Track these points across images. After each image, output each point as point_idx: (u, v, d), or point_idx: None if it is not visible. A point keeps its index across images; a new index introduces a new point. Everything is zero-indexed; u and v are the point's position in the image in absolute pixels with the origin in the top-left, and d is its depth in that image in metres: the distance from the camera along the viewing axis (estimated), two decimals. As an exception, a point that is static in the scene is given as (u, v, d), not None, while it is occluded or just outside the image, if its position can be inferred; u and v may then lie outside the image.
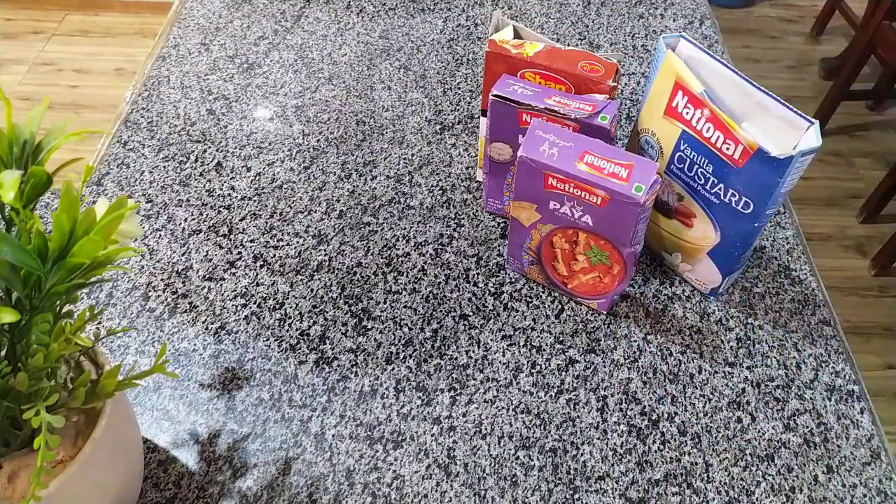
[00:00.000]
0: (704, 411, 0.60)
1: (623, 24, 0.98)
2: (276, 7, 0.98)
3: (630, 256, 0.59)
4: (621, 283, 0.62)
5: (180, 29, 0.94)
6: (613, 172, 0.55)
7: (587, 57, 0.63)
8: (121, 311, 0.65)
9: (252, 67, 0.89)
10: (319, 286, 0.67)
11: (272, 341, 0.63)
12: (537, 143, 0.57)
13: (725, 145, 0.57)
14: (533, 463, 0.56)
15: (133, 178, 0.76)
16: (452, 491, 0.54)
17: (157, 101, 0.85)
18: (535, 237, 0.63)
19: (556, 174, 0.57)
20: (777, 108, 0.55)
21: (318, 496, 0.54)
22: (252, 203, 0.74)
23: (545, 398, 0.60)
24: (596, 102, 0.60)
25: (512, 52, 0.64)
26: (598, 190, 0.55)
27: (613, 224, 0.57)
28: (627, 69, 0.91)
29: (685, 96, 0.59)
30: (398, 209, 0.74)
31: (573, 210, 0.58)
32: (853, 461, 0.57)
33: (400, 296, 0.67)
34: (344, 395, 0.60)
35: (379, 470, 0.55)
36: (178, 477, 0.55)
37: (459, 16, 0.98)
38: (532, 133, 0.58)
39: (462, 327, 0.65)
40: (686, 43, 0.60)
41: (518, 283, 0.68)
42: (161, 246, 0.70)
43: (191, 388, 0.60)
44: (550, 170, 0.57)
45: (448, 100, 0.86)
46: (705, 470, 0.56)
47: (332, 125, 0.82)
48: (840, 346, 0.65)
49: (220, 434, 0.57)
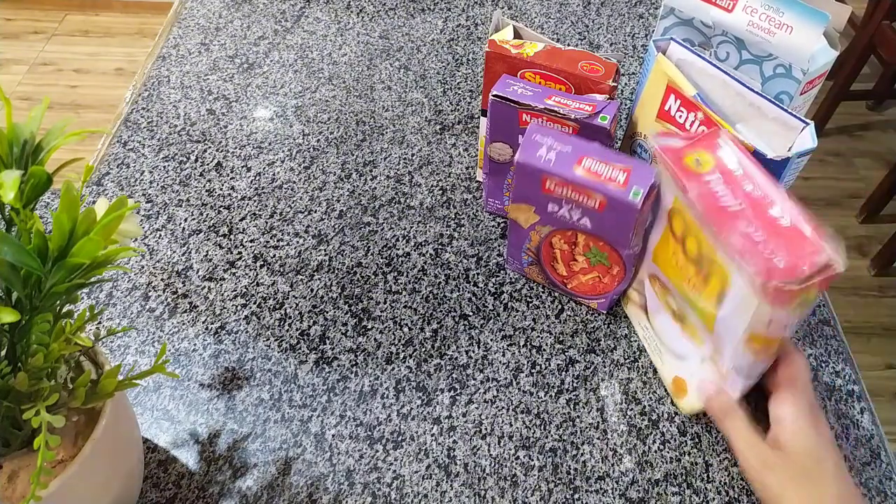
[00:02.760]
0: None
1: (623, 24, 0.98)
2: (276, 7, 0.98)
3: (629, 258, 0.59)
4: (621, 284, 0.62)
5: (180, 29, 0.94)
6: (611, 177, 0.55)
7: (587, 57, 0.63)
8: (121, 311, 0.65)
9: (252, 67, 0.89)
10: (319, 286, 0.67)
11: (272, 341, 0.63)
12: (535, 147, 0.57)
13: (721, 147, 0.56)
14: (533, 463, 0.56)
15: (133, 178, 0.76)
16: (452, 491, 0.54)
17: (157, 101, 0.85)
18: (535, 238, 0.63)
19: (553, 178, 0.57)
20: (771, 109, 0.55)
21: (318, 496, 0.54)
22: (252, 203, 0.74)
23: (545, 398, 0.60)
24: (596, 102, 0.60)
25: (512, 52, 0.64)
26: (595, 194, 0.55)
27: (612, 227, 0.57)
28: (627, 69, 0.91)
29: (678, 99, 0.59)
30: (398, 209, 0.74)
31: (571, 213, 0.58)
32: (853, 461, 0.57)
33: (400, 296, 0.67)
34: (344, 395, 0.60)
35: (379, 470, 0.55)
36: (178, 477, 0.55)
37: (459, 16, 0.98)
38: (529, 137, 0.58)
39: (462, 327, 0.65)
40: (677, 45, 0.60)
41: (518, 283, 0.68)
42: (161, 246, 0.70)
43: (191, 388, 0.60)
44: (548, 174, 0.56)
45: (448, 100, 0.86)
46: (705, 470, 0.56)
47: (332, 125, 0.82)
48: (840, 346, 0.65)
49: (220, 434, 0.57)
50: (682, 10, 0.62)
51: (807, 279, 0.45)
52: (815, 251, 0.46)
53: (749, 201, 0.49)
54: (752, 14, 0.57)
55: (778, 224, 0.48)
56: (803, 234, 0.47)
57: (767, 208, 0.49)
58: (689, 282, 0.54)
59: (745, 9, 0.58)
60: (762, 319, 0.47)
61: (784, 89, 0.59)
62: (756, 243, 0.47)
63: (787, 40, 0.56)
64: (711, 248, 0.50)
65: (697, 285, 0.53)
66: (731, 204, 0.49)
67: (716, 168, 0.52)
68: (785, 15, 0.55)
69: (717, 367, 0.54)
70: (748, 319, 0.48)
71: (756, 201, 0.49)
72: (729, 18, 0.59)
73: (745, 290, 0.47)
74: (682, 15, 0.63)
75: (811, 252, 0.46)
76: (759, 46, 0.58)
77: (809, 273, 0.45)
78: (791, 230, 0.47)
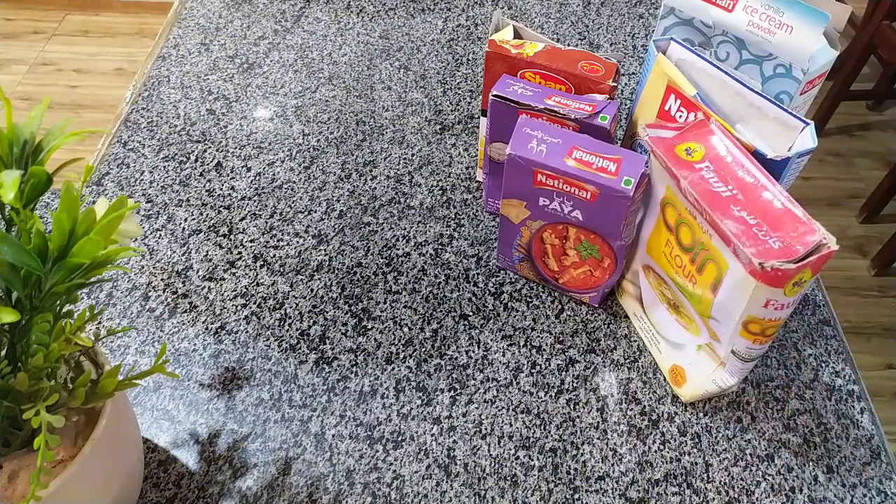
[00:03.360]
0: (704, 411, 0.60)
1: (623, 24, 0.98)
2: (276, 7, 0.98)
3: (621, 249, 0.59)
4: (612, 276, 0.62)
5: (180, 29, 0.94)
6: (602, 167, 0.55)
7: (587, 57, 0.63)
8: (121, 311, 0.65)
9: (252, 67, 0.89)
10: (319, 286, 0.67)
11: (272, 341, 0.63)
12: (525, 140, 0.57)
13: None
14: (533, 463, 0.56)
15: (133, 178, 0.76)
16: (452, 491, 0.54)
17: (157, 101, 0.85)
18: (525, 234, 0.63)
19: (544, 171, 0.57)
20: (771, 109, 0.55)
21: (318, 496, 0.54)
22: (252, 203, 0.74)
23: (545, 398, 0.60)
24: (596, 102, 0.60)
25: (512, 52, 0.64)
26: (587, 185, 0.56)
27: (604, 218, 0.57)
28: (627, 69, 0.91)
29: (678, 99, 0.59)
30: (398, 209, 0.74)
31: (563, 206, 0.58)
32: (853, 461, 0.57)
33: (400, 296, 0.67)
34: (344, 395, 0.60)
35: (379, 470, 0.55)
36: (178, 477, 0.55)
37: (459, 16, 0.98)
38: (520, 130, 0.58)
39: (462, 327, 0.65)
40: (677, 45, 0.60)
41: (518, 283, 0.68)
42: (161, 246, 0.70)
43: (191, 388, 0.60)
44: (539, 166, 0.57)
45: (448, 100, 0.86)
46: (705, 470, 0.56)
47: (332, 125, 0.82)
48: (840, 346, 0.65)
49: (220, 434, 0.57)
50: (682, 9, 0.62)
51: (802, 259, 0.46)
52: (809, 232, 0.47)
53: (741, 187, 0.51)
54: (752, 14, 0.57)
55: (771, 207, 0.49)
56: (796, 216, 0.48)
57: (759, 192, 0.50)
58: (684, 270, 0.55)
59: (746, 9, 0.58)
60: (759, 302, 0.48)
61: (784, 89, 0.59)
62: (750, 226, 0.48)
63: (787, 40, 0.56)
64: (706, 236, 0.51)
65: (692, 273, 0.54)
66: (723, 190, 0.50)
67: (706, 156, 0.53)
68: (785, 15, 0.55)
69: (713, 354, 0.55)
70: (745, 303, 0.49)
71: (748, 186, 0.51)
72: (729, 18, 0.59)
73: (741, 274, 0.48)
74: (683, 15, 0.63)
75: (804, 233, 0.47)
76: (759, 46, 0.58)
77: (804, 253, 0.46)
78: (784, 212, 0.49)
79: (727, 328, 0.52)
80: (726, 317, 0.51)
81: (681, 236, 0.54)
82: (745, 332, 0.51)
